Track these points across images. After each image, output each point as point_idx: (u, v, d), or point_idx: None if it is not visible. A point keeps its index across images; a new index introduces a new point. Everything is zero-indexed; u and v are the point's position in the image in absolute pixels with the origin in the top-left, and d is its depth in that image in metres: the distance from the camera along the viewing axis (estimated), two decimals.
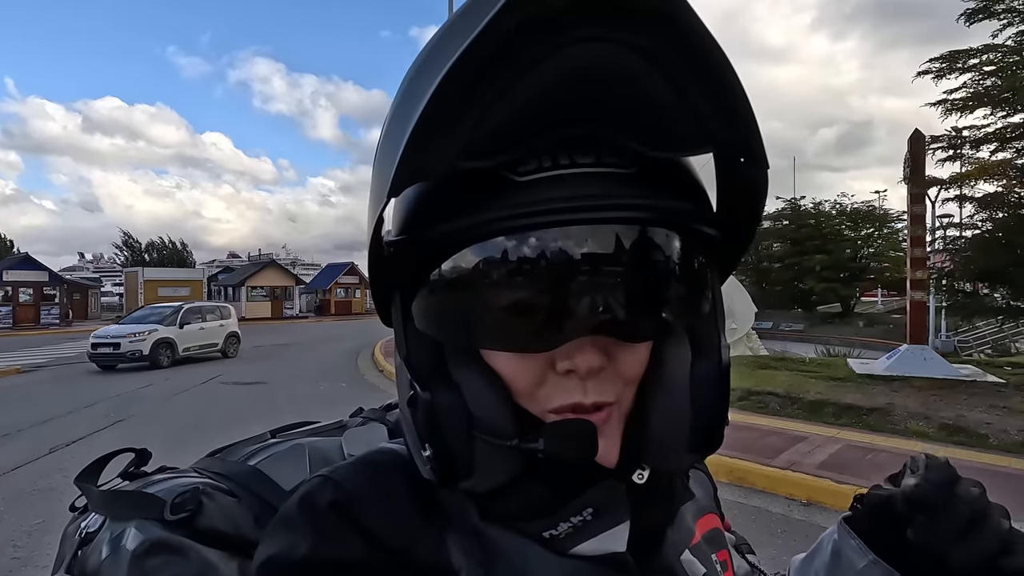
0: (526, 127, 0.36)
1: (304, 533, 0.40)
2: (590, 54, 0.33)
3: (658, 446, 0.43)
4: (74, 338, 21.38)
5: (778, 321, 27.04)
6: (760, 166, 0.40)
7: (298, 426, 0.82)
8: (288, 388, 9.68)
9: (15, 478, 5.05)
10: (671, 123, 0.37)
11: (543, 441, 0.38)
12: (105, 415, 7.58)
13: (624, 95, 0.36)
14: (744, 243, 0.48)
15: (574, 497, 0.42)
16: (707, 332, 0.45)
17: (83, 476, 0.65)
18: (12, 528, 3.98)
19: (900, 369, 8.05)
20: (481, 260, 0.39)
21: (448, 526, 0.43)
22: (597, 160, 0.38)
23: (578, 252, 0.38)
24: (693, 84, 0.35)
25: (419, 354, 0.42)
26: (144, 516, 0.55)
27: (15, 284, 27.36)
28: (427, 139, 0.34)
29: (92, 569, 0.54)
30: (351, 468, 0.45)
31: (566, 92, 0.35)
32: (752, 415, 6.42)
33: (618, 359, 0.41)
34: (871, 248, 28.39)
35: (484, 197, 0.38)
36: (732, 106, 0.36)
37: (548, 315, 0.38)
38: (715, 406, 0.43)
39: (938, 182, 9.14)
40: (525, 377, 0.40)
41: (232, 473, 0.63)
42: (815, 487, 4.36)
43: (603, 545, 0.42)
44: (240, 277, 36.19)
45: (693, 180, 0.43)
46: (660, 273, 0.40)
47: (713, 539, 0.53)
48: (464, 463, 0.40)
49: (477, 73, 0.32)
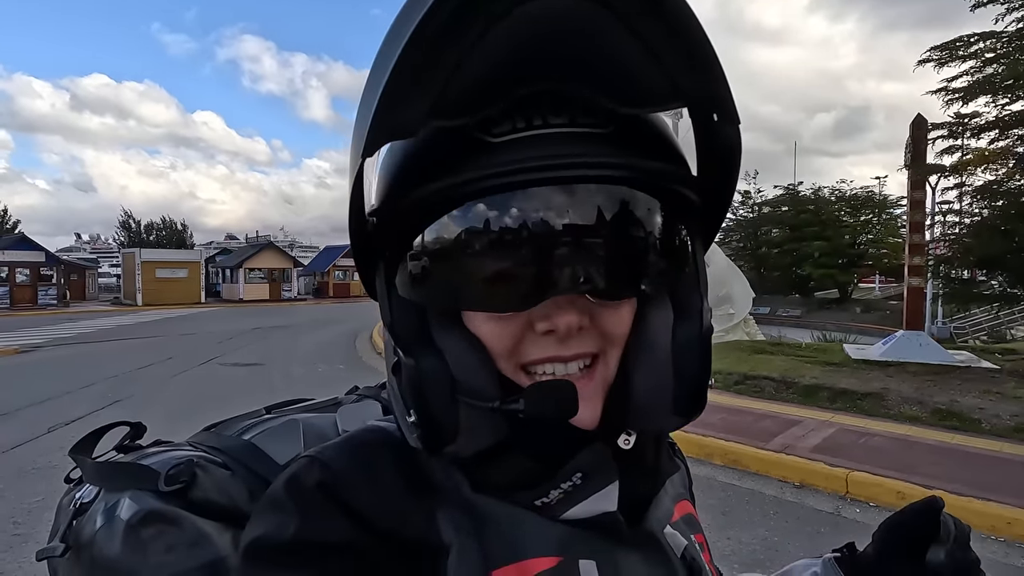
0: (496, 84, 0.36)
1: (291, 514, 0.40)
2: (553, 7, 0.33)
3: (642, 409, 0.43)
4: (72, 319, 21.38)
5: (775, 307, 27.11)
6: (732, 123, 0.40)
7: (294, 403, 0.82)
8: (286, 370, 9.71)
9: (14, 456, 5.08)
10: (640, 78, 0.37)
11: (523, 401, 0.39)
12: (103, 395, 7.60)
13: (590, 49, 0.36)
14: (722, 208, 0.48)
15: (562, 464, 0.42)
16: (689, 296, 0.45)
17: (78, 448, 0.65)
18: (12, 505, 4.02)
19: (896, 355, 8.10)
20: (457, 222, 0.39)
21: (438, 502, 0.43)
22: (571, 120, 0.39)
23: (553, 212, 0.38)
24: (660, 38, 0.35)
25: (402, 321, 0.42)
26: (139, 487, 0.56)
27: (12, 264, 27.21)
28: (398, 98, 0.34)
29: (87, 538, 0.55)
30: (338, 448, 0.45)
31: (532, 47, 0.35)
32: (747, 399, 6.47)
33: (599, 318, 0.41)
34: (869, 234, 28.37)
35: (459, 159, 0.38)
36: (700, 61, 0.36)
37: (525, 275, 0.39)
38: (697, 369, 0.44)
39: (939, 169, 9.10)
40: (504, 338, 0.41)
41: (226, 447, 0.64)
42: (808, 470, 4.41)
43: (595, 506, 0.43)
44: (238, 259, 36.04)
45: (670, 143, 0.43)
46: (638, 233, 0.40)
47: (689, 522, 0.54)
48: (449, 427, 0.40)
49: (441, 31, 0.32)
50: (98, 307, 28.67)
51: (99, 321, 20.53)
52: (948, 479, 3.99)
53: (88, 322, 19.98)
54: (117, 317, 22.57)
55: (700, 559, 0.51)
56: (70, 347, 13.37)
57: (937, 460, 4.43)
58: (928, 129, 8.56)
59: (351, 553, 0.39)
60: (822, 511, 3.96)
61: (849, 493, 4.16)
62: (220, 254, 42.64)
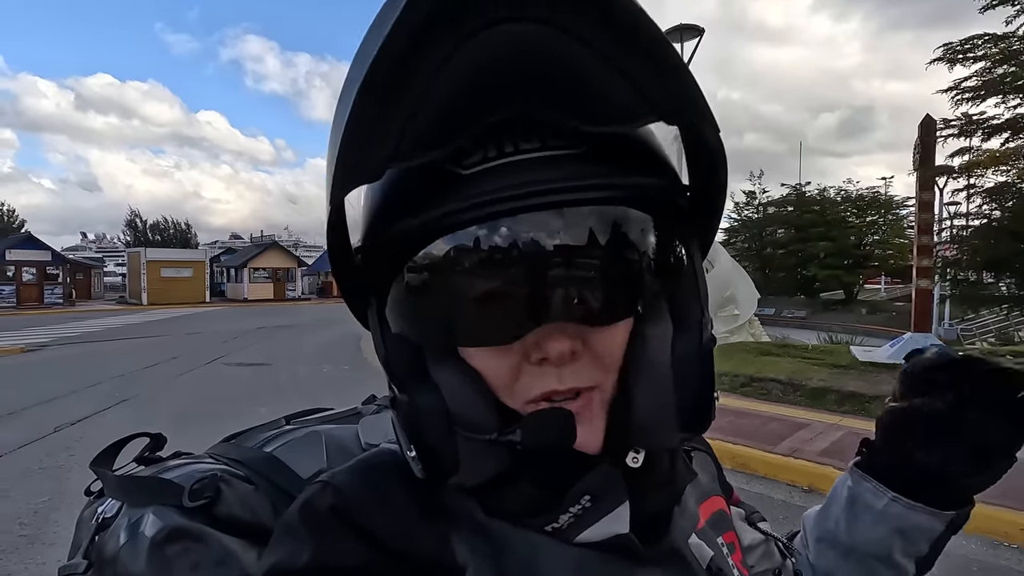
0: (455, 119, 0.35)
1: (306, 540, 0.40)
2: (498, 37, 0.32)
3: (645, 427, 0.42)
4: (78, 318, 21.53)
5: (780, 308, 27.05)
6: (712, 129, 0.39)
7: (312, 412, 0.81)
8: (291, 370, 9.73)
9: (20, 456, 5.10)
10: (605, 95, 0.35)
11: (520, 433, 0.38)
12: (109, 395, 7.62)
13: (547, 72, 0.34)
14: (716, 211, 0.47)
15: (568, 488, 0.41)
16: (687, 307, 0.44)
17: (98, 460, 0.64)
18: (18, 506, 4.02)
19: (903, 357, 8.05)
20: (437, 260, 0.38)
21: (452, 524, 0.42)
22: (543, 144, 0.37)
23: (535, 240, 0.37)
24: (620, 52, 0.33)
25: (396, 356, 0.42)
26: (162, 502, 0.55)
27: (18, 264, 27.46)
28: (356, 146, 0.34)
29: (110, 555, 0.54)
30: (350, 472, 0.45)
31: (485, 79, 0.34)
32: (754, 401, 6.44)
33: (593, 343, 0.40)
34: (875, 235, 28.28)
35: (431, 194, 0.38)
36: (666, 70, 0.35)
37: (510, 307, 0.38)
38: (700, 382, 0.42)
39: (948, 170, 9.05)
40: (501, 371, 0.40)
41: (248, 460, 0.63)
42: (816, 474, 4.38)
43: (606, 528, 0.42)
44: (242, 259, 36.23)
45: (651, 153, 0.41)
46: (625, 253, 0.39)
47: (718, 522, 0.53)
48: (449, 460, 0.40)
49: (391, 76, 0.32)
50: (104, 306, 28.87)
51: (105, 320, 20.66)
52: None
53: (94, 321, 20.10)
54: (123, 316, 22.72)
55: (727, 568, 0.49)
56: (76, 346, 13.44)
57: None
58: (937, 129, 8.52)
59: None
60: None
61: None
62: (224, 254, 42.89)
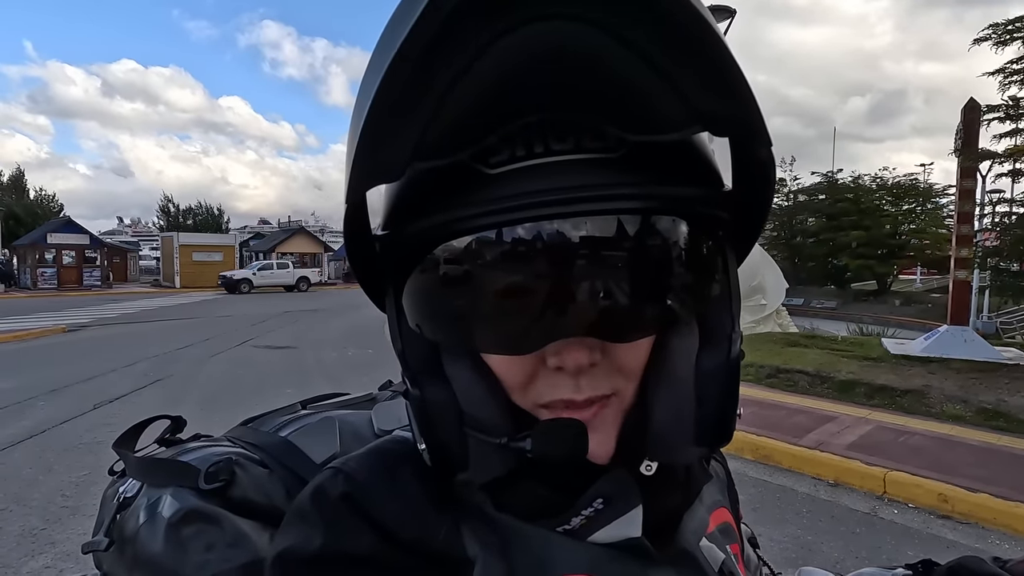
0: (484, 119, 0.33)
1: (317, 526, 0.40)
2: (540, 34, 0.29)
3: (660, 441, 0.41)
4: (115, 299, 22.28)
5: (809, 298, 26.40)
6: (764, 145, 0.36)
7: (328, 397, 0.82)
8: (317, 353, 9.93)
9: (63, 431, 5.33)
10: (650, 103, 0.33)
11: (530, 442, 0.37)
12: (144, 374, 7.90)
13: (589, 75, 0.32)
14: (759, 222, 0.44)
15: (581, 491, 0.41)
16: (717, 320, 0.42)
17: (121, 441, 0.66)
18: (61, 478, 4.22)
19: (938, 350, 7.78)
20: (457, 261, 0.37)
21: (463, 515, 0.42)
22: (576, 146, 0.35)
23: (559, 250, 0.35)
24: (671, 59, 0.30)
25: (413, 349, 0.41)
26: (179, 484, 0.57)
27: (59, 247, 28.51)
28: (376, 144, 0.32)
29: (130, 533, 0.56)
30: (362, 459, 0.45)
31: (519, 77, 0.31)
32: (780, 393, 6.33)
33: (614, 354, 0.39)
34: (912, 224, 27.30)
35: (455, 193, 0.36)
36: (721, 81, 0.31)
37: (532, 318, 0.36)
38: (723, 399, 0.41)
39: (992, 155, 8.65)
40: (517, 374, 0.39)
41: (264, 444, 0.64)
42: (843, 468, 4.30)
43: (618, 531, 0.41)
44: (270, 243, 36.93)
45: (696, 158, 0.39)
46: (655, 268, 0.37)
47: (725, 532, 0.52)
48: (458, 458, 0.39)
49: (419, 68, 0.29)
50: (139, 288, 29.79)
51: (140, 302, 21.35)
52: (993, 482, 3.83)
53: (130, 303, 20.80)
54: (157, 299, 23.43)
55: (738, 573, 0.49)
56: (114, 327, 13.93)
57: (981, 461, 4.26)
58: (982, 112, 8.12)
59: (376, 564, 0.39)
60: (858, 511, 3.84)
61: (887, 493, 4.04)
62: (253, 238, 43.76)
